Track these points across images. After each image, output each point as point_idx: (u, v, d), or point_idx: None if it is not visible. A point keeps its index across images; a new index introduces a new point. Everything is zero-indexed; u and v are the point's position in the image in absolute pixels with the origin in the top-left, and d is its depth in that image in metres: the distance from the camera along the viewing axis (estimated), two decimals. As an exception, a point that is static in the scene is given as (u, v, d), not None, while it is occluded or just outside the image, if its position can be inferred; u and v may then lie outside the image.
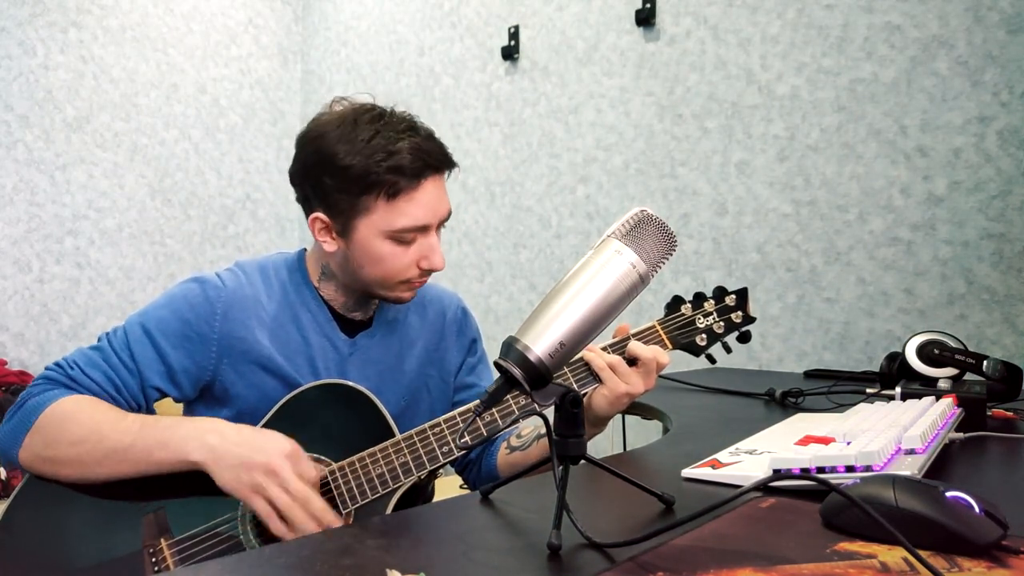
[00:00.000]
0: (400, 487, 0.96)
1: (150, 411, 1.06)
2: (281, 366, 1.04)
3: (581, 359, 0.99)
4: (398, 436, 0.98)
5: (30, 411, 0.96)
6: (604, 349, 0.99)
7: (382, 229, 1.00)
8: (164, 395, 1.04)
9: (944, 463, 0.85)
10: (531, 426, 1.13)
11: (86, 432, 0.93)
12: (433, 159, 1.01)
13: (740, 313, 1.07)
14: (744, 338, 1.08)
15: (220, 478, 0.89)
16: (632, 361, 0.97)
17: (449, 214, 1.06)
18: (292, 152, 1.08)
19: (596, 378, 0.98)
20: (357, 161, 0.98)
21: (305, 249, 1.15)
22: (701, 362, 1.10)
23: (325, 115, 1.05)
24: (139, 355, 1.01)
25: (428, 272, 1.06)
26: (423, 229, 1.02)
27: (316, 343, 1.08)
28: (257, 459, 0.89)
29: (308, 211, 1.06)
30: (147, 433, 0.93)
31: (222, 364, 1.03)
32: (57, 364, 1.01)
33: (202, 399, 1.07)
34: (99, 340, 1.04)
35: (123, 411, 0.98)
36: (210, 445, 0.90)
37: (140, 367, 1.01)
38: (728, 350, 1.07)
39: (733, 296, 1.08)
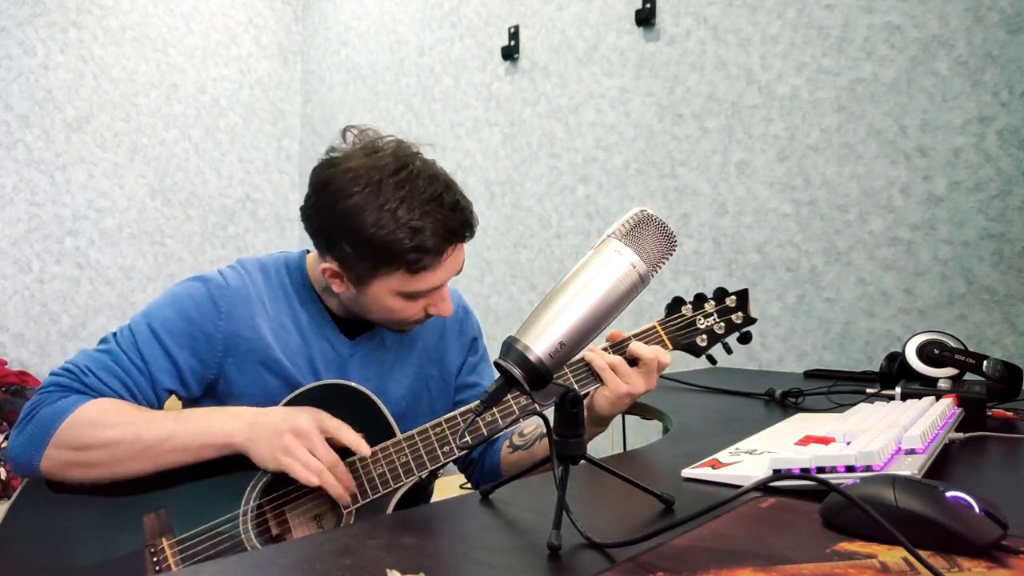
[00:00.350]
0: (401, 487, 0.96)
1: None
2: (284, 366, 1.04)
3: (582, 359, 0.99)
4: (399, 436, 0.98)
5: (49, 420, 0.94)
6: (604, 350, 0.99)
7: (397, 290, 1.00)
8: (172, 395, 1.04)
9: (944, 463, 0.85)
10: (533, 425, 1.13)
11: (120, 433, 0.93)
12: (458, 235, 0.99)
13: (741, 314, 1.08)
14: (744, 339, 1.08)
15: (256, 452, 0.92)
16: (633, 361, 0.97)
17: (462, 267, 1.05)
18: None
19: (596, 378, 0.98)
20: (381, 236, 0.95)
21: (308, 251, 1.14)
22: (701, 362, 1.10)
23: (343, 160, 0.98)
24: (148, 356, 1.00)
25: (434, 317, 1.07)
26: (437, 288, 1.02)
27: (316, 345, 1.08)
28: (285, 425, 0.92)
29: (320, 254, 1.03)
30: (183, 424, 0.94)
31: (226, 362, 1.03)
32: (67, 369, 0.99)
33: (205, 397, 1.07)
34: (105, 342, 1.03)
35: (147, 408, 0.99)
36: (248, 423, 0.93)
37: (151, 369, 1.00)
38: (729, 351, 1.08)
39: (734, 297, 1.08)
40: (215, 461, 0.95)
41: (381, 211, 0.94)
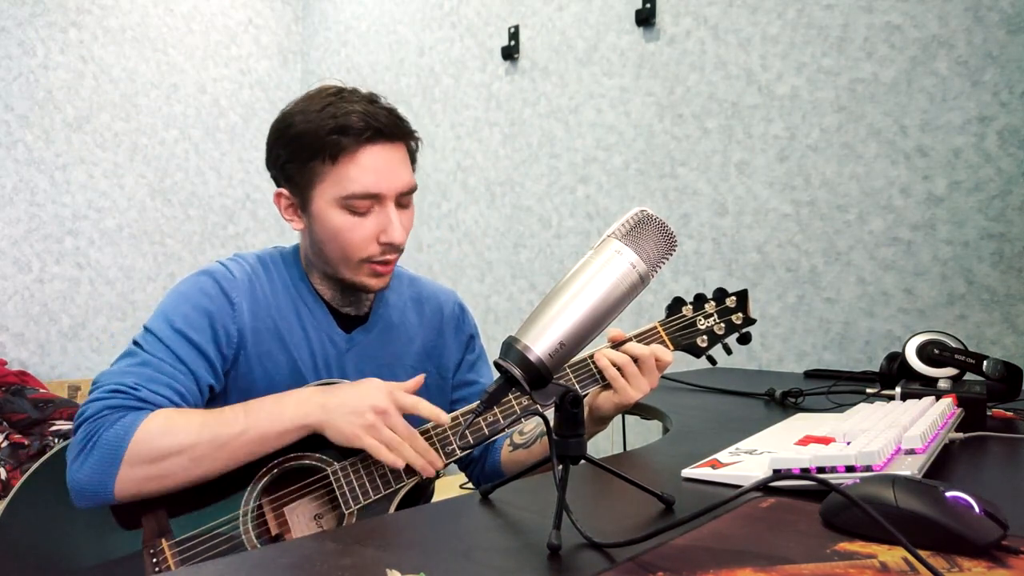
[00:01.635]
0: (402, 487, 0.96)
1: None
2: (290, 356, 1.05)
3: (583, 359, 0.99)
4: (398, 436, 0.98)
5: (116, 441, 0.91)
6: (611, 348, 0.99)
7: (333, 197, 1.01)
8: (211, 391, 1.03)
9: (944, 463, 0.85)
10: (534, 423, 1.13)
11: (194, 437, 0.92)
12: (381, 123, 1.01)
13: (741, 315, 1.08)
14: (744, 339, 1.08)
15: (336, 431, 0.92)
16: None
17: (411, 189, 1.05)
18: None
19: (597, 378, 0.98)
20: (306, 128, 1.00)
21: (299, 244, 1.15)
22: (701, 362, 1.10)
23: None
24: (185, 357, 0.99)
25: (390, 249, 1.04)
26: (375, 198, 1.01)
27: (314, 337, 1.08)
28: (365, 403, 0.92)
29: (275, 191, 1.08)
30: (254, 416, 0.94)
31: (240, 354, 1.03)
32: (115, 390, 0.95)
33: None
34: (132, 355, 0.99)
35: (208, 410, 0.97)
36: (321, 404, 0.93)
37: (192, 369, 0.99)
38: (729, 351, 1.08)
39: (734, 298, 1.09)
40: None
41: (309, 111, 1.01)
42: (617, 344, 1.00)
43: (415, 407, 0.94)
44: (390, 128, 1.02)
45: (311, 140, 0.99)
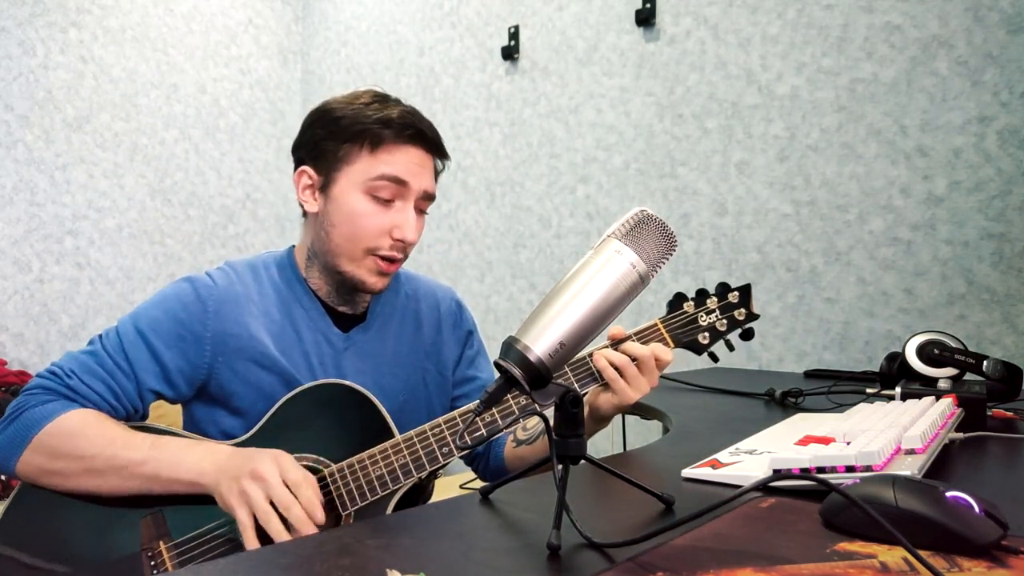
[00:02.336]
0: (400, 488, 0.96)
1: (146, 414, 1.05)
2: (277, 361, 1.04)
3: (582, 359, 0.99)
4: (398, 437, 0.98)
5: (29, 424, 0.94)
6: (607, 347, 0.99)
7: (361, 180, 1.03)
8: (160, 397, 1.04)
9: (944, 463, 0.85)
10: (536, 419, 1.13)
11: (97, 448, 0.92)
12: (424, 132, 1.05)
13: (743, 310, 1.07)
14: (747, 335, 1.07)
15: (219, 495, 0.89)
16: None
17: (433, 195, 1.08)
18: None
19: (596, 378, 0.98)
20: (351, 114, 1.03)
21: (294, 246, 1.15)
22: (701, 362, 1.10)
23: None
24: (134, 358, 1.00)
25: (399, 246, 1.05)
26: (402, 186, 1.03)
27: (310, 338, 1.08)
28: (245, 467, 0.88)
29: (297, 170, 1.09)
30: (160, 452, 0.93)
31: (217, 362, 1.03)
32: (52, 372, 0.99)
33: (199, 399, 1.06)
34: (91, 343, 1.03)
35: (130, 428, 0.98)
36: (216, 464, 0.91)
37: (136, 370, 1.00)
38: (731, 348, 1.07)
39: (736, 293, 1.07)
40: None
41: (355, 104, 1.05)
42: (616, 343, 0.99)
43: (296, 487, 0.86)
44: (431, 136, 1.06)
45: (354, 124, 1.03)
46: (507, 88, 2.99)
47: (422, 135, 1.05)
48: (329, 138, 1.04)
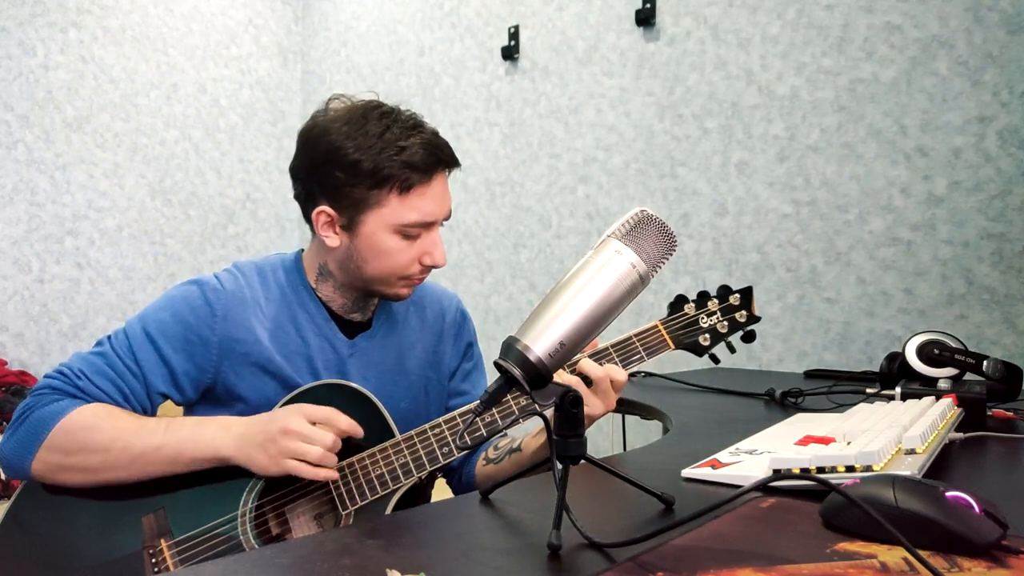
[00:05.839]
0: (400, 488, 0.96)
1: (154, 416, 1.05)
2: (281, 367, 1.04)
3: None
4: (398, 437, 0.98)
5: (41, 423, 0.94)
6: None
7: (391, 223, 1.00)
8: (167, 399, 1.04)
9: (944, 463, 0.85)
10: (508, 439, 1.12)
11: (110, 439, 0.93)
12: (444, 155, 1.03)
13: (744, 312, 1.07)
14: (749, 337, 1.06)
15: (254, 463, 0.92)
16: (586, 381, 0.93)
17: (451, 212, 1.07)
18: (292, 152, 1.07)
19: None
20: (369, 156, 0.98)
21: (302, 250, 1.14)
22: (701, 362, 1.10)
23: (328, 112, 1.04)
24: (143, 360, 1.00)
25: (429, 269, 1.06)
26: (430, 225, 1.03)
27: (315, 344, 1.07)
28: (272, 428, 0.91)
29: (312, 206, 1.04)
30: (174, 434, 0.94)
31: (223, 366, 1.03)
32: (60, 372, 0.99)
33: (204, 401, 1.06)
34: (99, 344, 1.03)
35: (141, 416, 0.99)
36: (238, 434, 0.93)
37: (145, 372, 1.00)
38: (732, 349, 1.06)
39: (737, 295, 1.07)
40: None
41: (367, 136, 0.99)
42: (596, 354, 0.98)
43: (327, 418, 0.92)
44: (450, 159, 1.05)
45: (376, 170, 0.98)
46: (507, 88, 2.99)
47: (446, 164, 1.03)
48: (351, 185, 1.00)
